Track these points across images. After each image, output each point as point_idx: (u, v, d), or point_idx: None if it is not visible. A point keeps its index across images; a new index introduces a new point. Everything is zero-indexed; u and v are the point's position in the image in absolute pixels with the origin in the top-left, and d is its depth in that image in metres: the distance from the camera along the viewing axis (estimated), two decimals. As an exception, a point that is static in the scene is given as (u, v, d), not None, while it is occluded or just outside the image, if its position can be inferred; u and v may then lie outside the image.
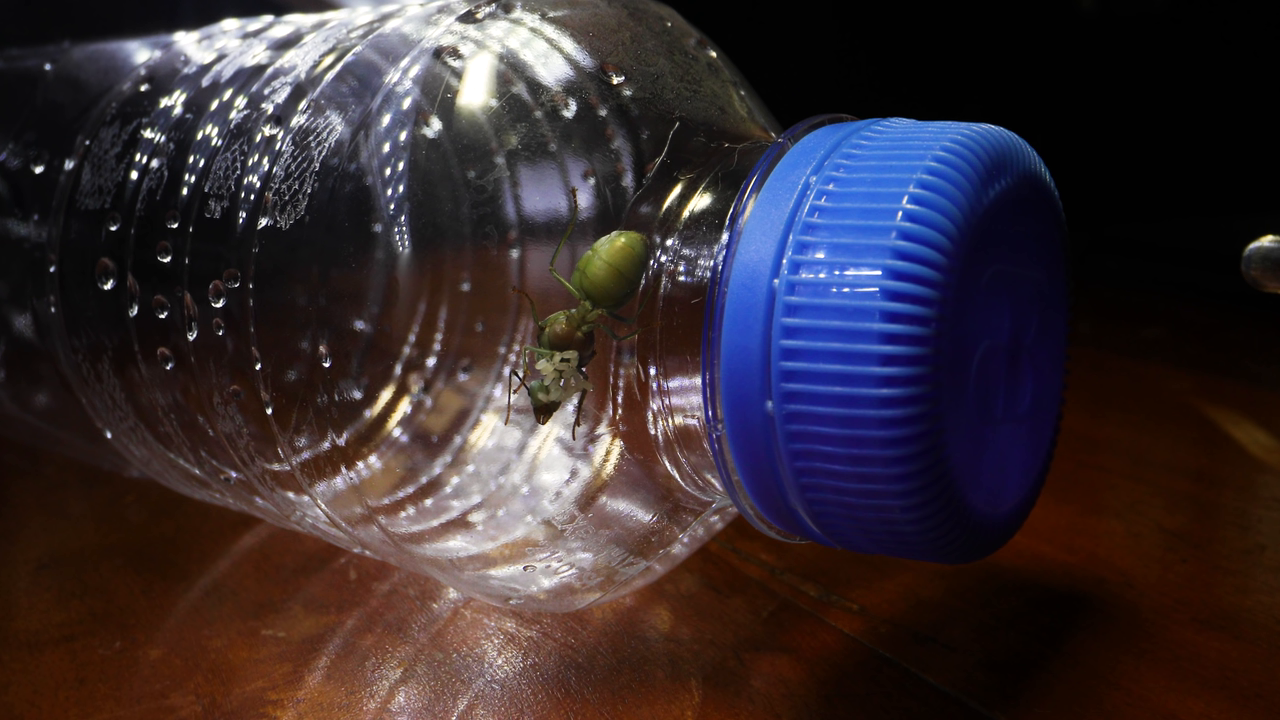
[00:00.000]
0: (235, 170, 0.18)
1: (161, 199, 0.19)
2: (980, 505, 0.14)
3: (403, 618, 0.19)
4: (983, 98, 0.54)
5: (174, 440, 0.20)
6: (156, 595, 0.20)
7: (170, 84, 0.21)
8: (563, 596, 0.18)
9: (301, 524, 0.19)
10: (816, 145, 0.14)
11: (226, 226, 0.17)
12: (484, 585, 0.18)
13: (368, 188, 0.16)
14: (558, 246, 0.16)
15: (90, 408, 0.21)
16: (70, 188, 0.21)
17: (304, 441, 0.17)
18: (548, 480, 0.19)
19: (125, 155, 0.20)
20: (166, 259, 0.18)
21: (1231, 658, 0.17)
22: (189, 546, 0.23)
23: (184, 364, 0.18)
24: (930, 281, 0.13)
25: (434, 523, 0.19)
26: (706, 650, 0.18)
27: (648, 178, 0.16)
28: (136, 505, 0.25)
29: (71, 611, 0.20)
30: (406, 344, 0.19)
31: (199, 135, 0.19)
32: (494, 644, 0.18)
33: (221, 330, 0.17)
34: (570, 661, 0.18)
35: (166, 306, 0.18)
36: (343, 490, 0.17)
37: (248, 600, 0.20)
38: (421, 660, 0.18)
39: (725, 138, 0.17)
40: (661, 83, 0.17)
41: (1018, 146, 0.14)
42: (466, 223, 0.17)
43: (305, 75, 0.18)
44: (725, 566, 0.21)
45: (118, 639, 0.19)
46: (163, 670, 0.18)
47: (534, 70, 0.17)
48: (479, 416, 0.19)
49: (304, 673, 0.18)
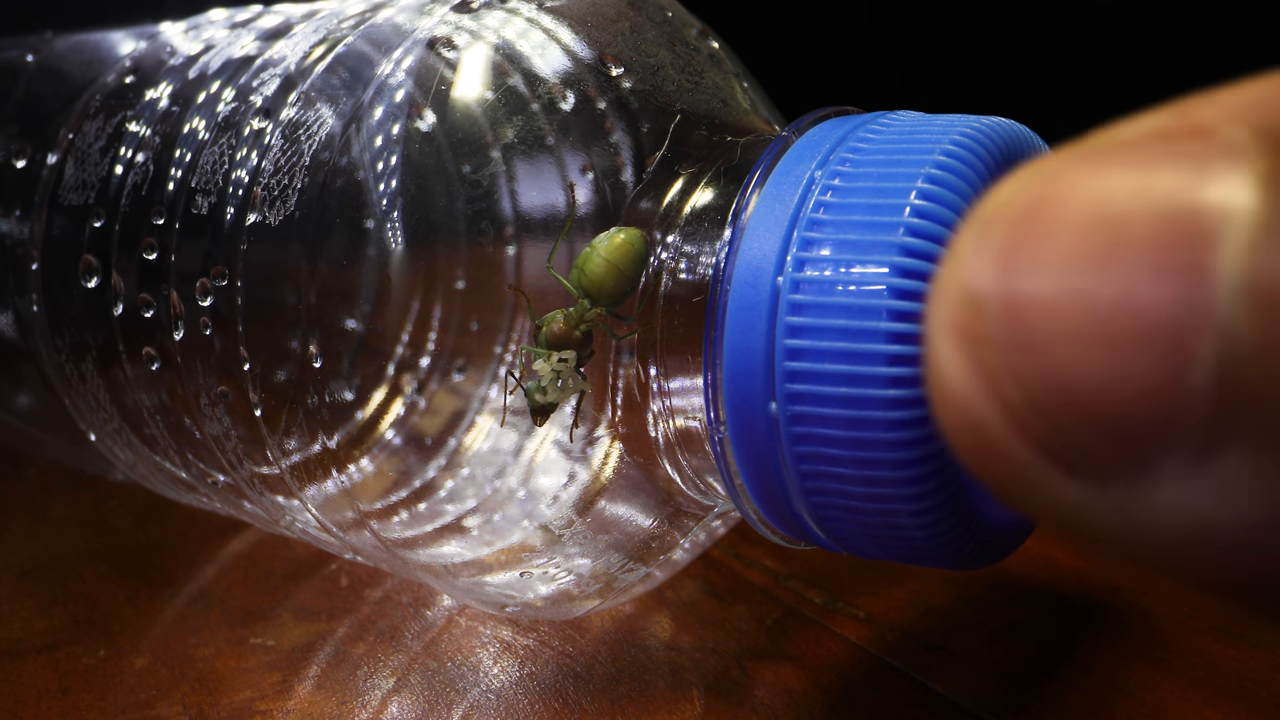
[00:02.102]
0: (223, 164, 0.18)
1: (147, 194, 0.19)
2: (991, 509, 0.14)
3: (396, 625, 0.19)
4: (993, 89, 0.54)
5: (160, 443, 0.20)
6: (142, 602, 0.20)
7: (156, 76, 0.21)
8: (560, 604, 0.18)
9: (291, 529, 0.19)
10: (822, 139, 0.14)
11: (214, 222, 0.17)
12: (479, 592, 0.18)
13: (360, 182, 0.16)
14: (555, 243, 0.16)
15: (74, 409, 0.21)
16: (53, 183, 0.21)
17: (294, 444, 0.17)
18: (545, 484, 0.19)
19: (110, 149, 0.20)
20: (152, 256, 0.18)
21: (1249, 666, 0.17)
22: (175, 552, 0.23)
23: (170, 364, 0.18)
24: None
25: (428, 528, 0.19)
26: (708, 659, 0.18)
27: (648, 172, 0.16)
28: (121, 509, 0.25)
29: (54, 619, 0.20)
30: (399, 343, 0.19)
31: (185, 128, 0.19)
32: (490, 652, 0.18)
33: (209, 329, 0.17)
34: (568, 670, 0.18)
35: (152, 305, 0.18)
36: (334, 494, 0.17)
37: (236, 608, 0.20)
38: (415, 669, 0.18)
39: (728, 131, 0.17)
40: (662, 74, 0.17)
41: (1028, 140, 0.14)
42: (461, 219, 0.17)
43: (295, 67, 0.18)
44: (728, 572, 0.21)
45: (102, 647, 0.19)
46: (148, 680, 0.18)
47: (530, 61, 0.17)
48: (474, 418, 0.19)
49: (294, 682, 0.18)
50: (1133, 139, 0.07)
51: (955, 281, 0.07)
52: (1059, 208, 0.07)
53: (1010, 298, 0.07)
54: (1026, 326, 0.07)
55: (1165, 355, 0.06)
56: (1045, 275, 0.07)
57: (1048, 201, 0.07)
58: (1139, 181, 0.07)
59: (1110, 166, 0.07)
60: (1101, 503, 0.07)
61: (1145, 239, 0.07)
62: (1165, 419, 0.06)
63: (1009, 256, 0.07)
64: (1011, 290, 0.07)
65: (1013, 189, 0.07)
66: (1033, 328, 0.07)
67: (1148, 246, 0.07)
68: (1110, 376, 0.07)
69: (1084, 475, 0.07)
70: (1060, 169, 0.07)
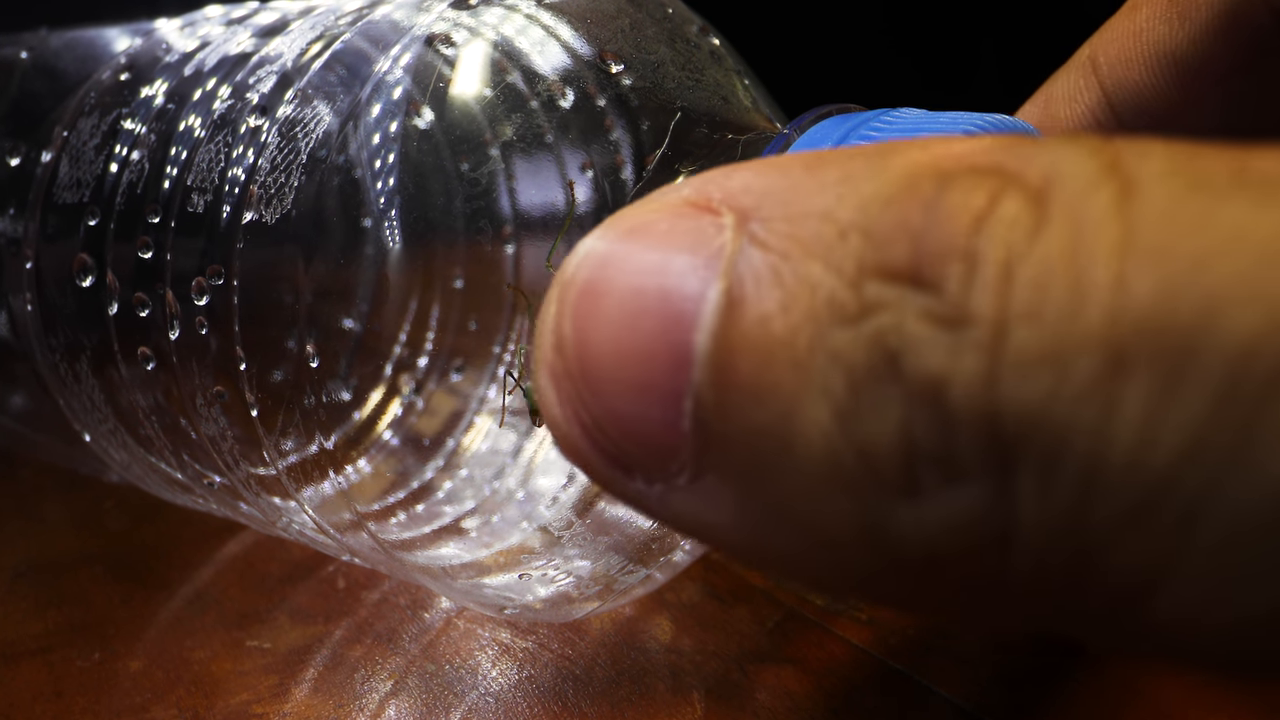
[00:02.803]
0: (219, 162, 0.18)
1: (142, 192, 0.19)
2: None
3: (393, 628, 0.19)
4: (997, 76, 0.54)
5: (155, 444, 0.20)
6: (137, 605, 0.20)
7: (151, 73, 0.21)
8: (559, 606, 0.18)
9: (288, 530, 0.19)
10: (823, 136, 0.14)
11: (210, 221, 0.17)
12: (478, 594, 0.18)
13: (357, 180, 0.16)
14: (555, 241, 0.16)
15: (68, 409, 0.21)
16: (47, 181, 0.21)
17: (290, 445, 0.17)
18: (544, 485, 0.19)
19: (105, 147, 0.20)
20: (148, 255, 0.18)
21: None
22: (170, 554, 0.23)
23: (165, 364, 0.18)
24: None
25: (425, 529, 0.19)
26: (709, 662, 0.18)
27: (648, 170, 0.16)
28: (116, 511, 0.25)
29: (49, 621, 0.20)
30: (397, 343, 0.19)
31: (181, 126, 0.19)
32: (488, 655, 0.18)
33: (205, 328, 0.17)
34: (567, 673, 0.18)
35: (147, 304, 0.18)
36: (331, 495, 0.17)
37: (232, 610, 0.20)
38: (413, 672, 0.18)
39: (729, 128, 0.17)
40: (662, 71, 0.17)
41: (1033, 136, 0.14)
42: (460, 217, 0.17)
43: (292, 64, 0.18)
44: (728, 574, 0.21)
45: (96, 650, 0.19)
46: (143, 683, 0.18)
47: (529, 58, 0.17)
48: (472, 419, 0.19)
49: (290, 685, 0.18)
50: (665, 213, 0.10)
51: (547, 329, 0.10)
52: (608, 283, 0.09)
53: (578, 350, 0.10)
54: (589, 372, 0.09)
55: (666, 406, 0.09)
56: (598, 334, 0.09)
57: (602, 278, 0.09)
58: (656, 262, 0.09)
59: (640, 245, 0.09)
60: (652, 495, 0.10)
61: (653, 318, 0.09)
62: (668, 449, 0.09)
63: (578, 317, 0.09)
64: (579, 344, 0.09)
65: (581, 260, 0.10)
66: (592, 374, 0.09)
67: (654, 326, 0.09)
68: (637, 415, 0.09)
69: (636, 475, 0.10)
70: (612, 246, 0.10)
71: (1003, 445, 0.08)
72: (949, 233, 0.08)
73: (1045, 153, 0.08)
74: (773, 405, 0.09)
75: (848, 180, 0.09)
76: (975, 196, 0.08)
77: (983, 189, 0.08)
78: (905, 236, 0.08)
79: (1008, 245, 0.08)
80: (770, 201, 0.09)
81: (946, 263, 0.08)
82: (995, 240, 0.08)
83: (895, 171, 0.09)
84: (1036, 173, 0.08)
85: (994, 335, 0.08)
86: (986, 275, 0.08)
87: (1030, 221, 0.08)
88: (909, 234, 0.08)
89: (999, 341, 0.08)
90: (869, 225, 0.08)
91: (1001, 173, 0.08)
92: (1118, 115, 0.18)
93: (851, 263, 0.08)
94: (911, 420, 0.08)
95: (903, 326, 0.08)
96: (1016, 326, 0.08)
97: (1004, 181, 0.08)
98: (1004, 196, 0.08)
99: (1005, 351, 0.08)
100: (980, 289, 0.08)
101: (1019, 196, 0.08)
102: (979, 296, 0.08)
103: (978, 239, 0.08)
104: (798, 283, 0.09)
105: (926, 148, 0.09)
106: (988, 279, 0.08)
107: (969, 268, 0.08)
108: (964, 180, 0.08)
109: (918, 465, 0.08)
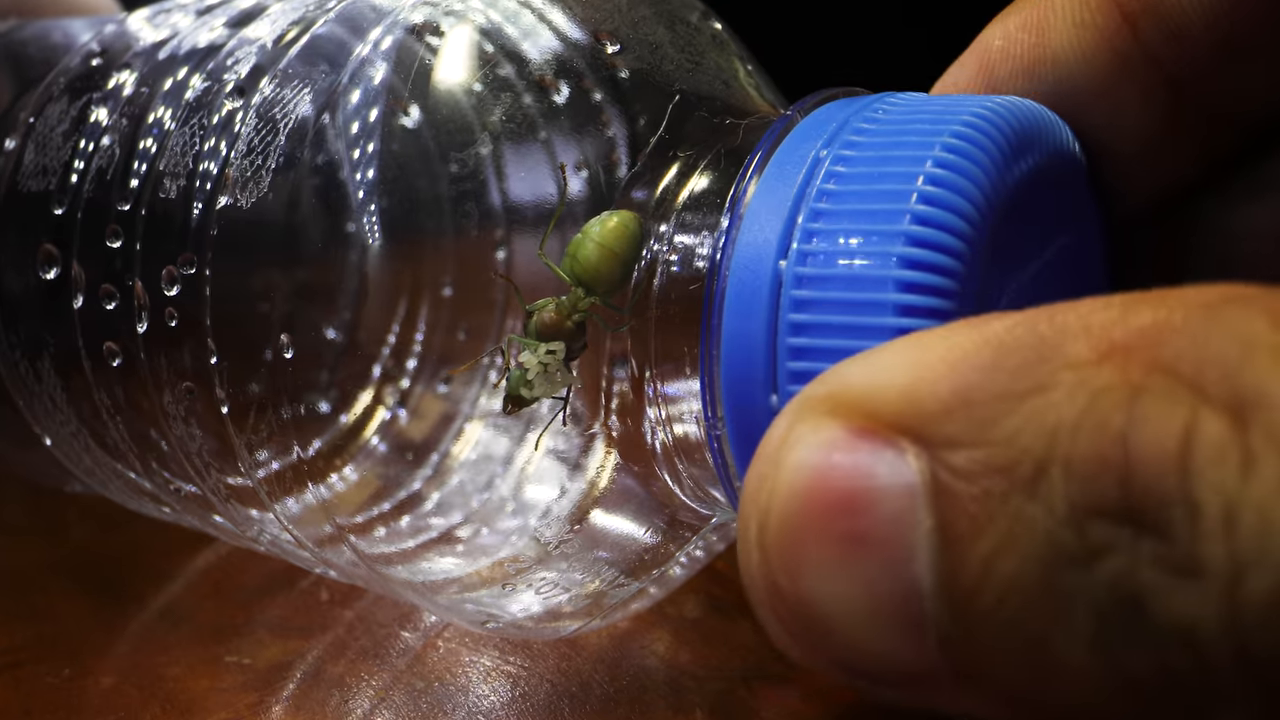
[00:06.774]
0: (193, 145, 0.18)
1: (112, 179, 0.19)
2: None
3: (378, 642, 0.19)
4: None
5: (120, 449, 0.20)
6: (108, 618, 0.20)
7: (124, 58, 0.21)
8: (550, 621, 0.18)
9: (259, 541, 0.19)
10: (827, 120, 0.14)
11: (183, 207, 0.17)
12: (462, 610, 0.18)
13: (337, 163, 0.16)
14: (547, 229, 0.16)
15: (28, 411, 0.21)
16: (11, 168, 0.21)
17: (265, 449, 0.17)
18: (537, 495, 0.19)
19: (73, 133, 0.20)
20: (116, 244, 0.18)
21: None
22: (142, 564, 0.23)
23: (133, 361, 0.18)
24: (947, 270, 0.13)
25: (410, 543, 0.19)
26: (711, 679, 0.18)
27: (644, 156, 0.16)
28: (82, 519, 0.25)
29: (15, 636, 0.20)
30: (384, 344, 0.19)
31: (154, 111, 0.19)
32: (479, 671, 0.18)
33: (175, 321, 0.17)
34: (563, 691, 0.18)
35: (115, 296, 0.18)
36: (311, 506, 0.17)
37: (207, 624, 0.20)
38: (399, 689, 0.18)
39: (729, 113, 0.17)
40: (660, 53, 0.17)
41: (1047, 120, 0.14)
42: (445, 202, 0.17)
43: (269, 49, 0.18)
44: (731, 586, 0.21)
45: (66, 666, 0.19)
46: (115, 700, 0.18)
47: (518, 40, 0.17)
48: (462, 425, 0.20)
49: (270, 703, 0.18)
50: (832, 449, 0.10)
51: (753, 573, 0.11)
52: (812, 531, 0.10)
53: (800, 599, 0.10)
54: (817, 620, 0.10)
55: (908, 637, 0.10)
56: (821, 584, 0.10)
57: (806, 525, 0.10)
58: (852, 505, 0.10)
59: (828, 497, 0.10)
60: (917, 698, 0.11)
61: (868, 564, 0.10)
62: (924, 673, 0.10)
63: (791, 561, 0.10)
64: (799, 593, 0.10)
65: (774, 512, 0.11)
66: (821, 623, 0.10)
67: (872, 571, 0.10)
68: (882, 652, 0.10)
69: (881, 687, 0.11)
70: (803, 503, 0.10)
71: (1258, 669, 0.08)
72: (1157, 474, 0.09)
73: (1214, 335, 0.09)
74: (1021, 635, 0.09)
75: (1020, 397, 0.09)
76: (1169, 423, 0.09)
77: (1175, 416, 0.09)
78: (1110, 475, 0.09)
79: (1223, 491, 0.08)
80: (953, 423, 0.10)
81: (1166, 508, 0.09)
82: (1209, 485, 0.08)
83: (1069, 386, 0.09)
84: (1217, 376, 0.09)
85: (1230, 584, 0.08)
86: (1210, 525, 0.08)
87: (1238, 456, 0.08)
88: (1114, 472, 0.09)
89: (1235, 589, 0.08)
90: (1068, 461, 0.09)
91: (1173, 372, 0.09)
92: (1137, 32, 0.15)
93: (1062, 503, 0.09)
94: (1169, 656, 0.09)
95: (1138, 573, 0.09)
96: (1248, 575, 0.08)
97: (1194, 399, 0.09)
98: (1200, 421, 0.09)
99: (1243, 599, 0.08)
100: (1208, 539, 0.08)
101: (1215, 421, 0.09)
102: (1208, 547, 0.08)
103: (1190, 483, 0.08)
104: (1012, 522, 0.09)
105: (1066, 329, 0.09)
106: (1213, 529, 0.08)
107: (1190, 514, 0.08)
108: (1150, 402, 0.09)
109: (1181, 692, 0.09)
